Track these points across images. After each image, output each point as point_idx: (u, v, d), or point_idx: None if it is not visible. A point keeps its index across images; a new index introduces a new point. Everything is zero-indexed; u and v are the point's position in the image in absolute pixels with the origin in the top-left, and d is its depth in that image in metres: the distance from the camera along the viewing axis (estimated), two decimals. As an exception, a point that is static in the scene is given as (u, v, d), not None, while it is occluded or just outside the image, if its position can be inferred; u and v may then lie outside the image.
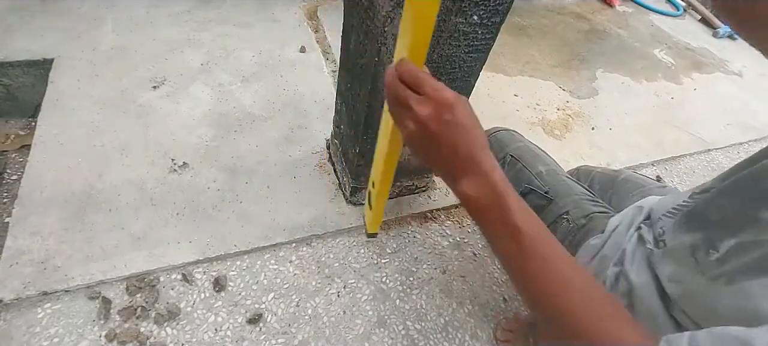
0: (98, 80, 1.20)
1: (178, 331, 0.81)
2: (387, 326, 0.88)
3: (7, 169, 1.08)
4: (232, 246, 0.92)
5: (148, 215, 0.94)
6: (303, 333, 0.84)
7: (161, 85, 1.24)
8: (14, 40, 1.24)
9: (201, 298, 0.86)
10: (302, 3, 1.68)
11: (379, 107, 0.79)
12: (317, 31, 1.58)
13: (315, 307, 0.89)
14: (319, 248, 0.98)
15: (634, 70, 1.86)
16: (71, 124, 1.08)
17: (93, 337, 0.77)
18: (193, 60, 1.33)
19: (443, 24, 0.67)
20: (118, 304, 0.82)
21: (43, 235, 0.87)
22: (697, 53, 2.11)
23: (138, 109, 1.16)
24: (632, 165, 1.37)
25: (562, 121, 1.48)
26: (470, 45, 0.73)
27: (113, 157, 1.04)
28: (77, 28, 1.33)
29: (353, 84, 0.87)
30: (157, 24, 1.43)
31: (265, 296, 0.88)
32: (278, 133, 1.18)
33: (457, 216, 1.11)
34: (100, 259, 0.86)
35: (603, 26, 2.12)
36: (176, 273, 0.88)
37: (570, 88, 1.64)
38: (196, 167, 1.06)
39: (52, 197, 0.93)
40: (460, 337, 0.90)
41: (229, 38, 1.44)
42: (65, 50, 1.25)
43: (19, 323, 0.77)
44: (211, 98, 1.23)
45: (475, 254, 1.04)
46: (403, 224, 1.07)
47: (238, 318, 0.84)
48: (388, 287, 0.94)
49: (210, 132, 1.14)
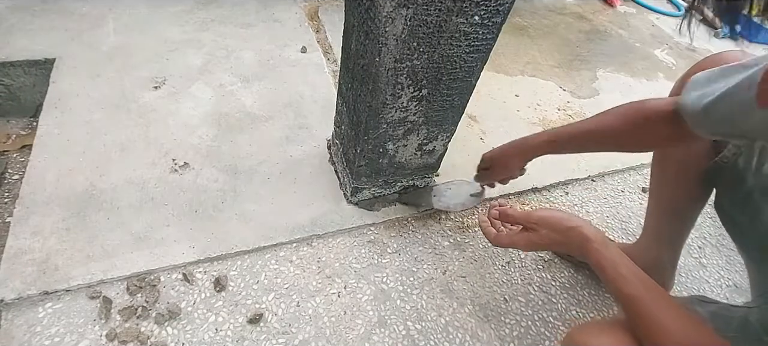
0: (99, 80, 1.21)
1: (179, 331, 0.81)
2: (387, 326, 0.88)
3: (8, 169, 1.08)
4: (233, 246, 0.92)
5: (148, 215, 0.94)
6: (303, 333, 0.84)
7: (162, 85, 1.24)
8: (15, 40, 1.24)
9: (201, 298, 0.86)
10: (303, 3, 1.68)
11: (380, 107, 0.79)
12: (318, 31, 1.58)
13: (315, 307, 0.89)
14: (320, 248, 0.98)
15: (635, 70, 1.85)
16: (73, 124, 1.08)
17: (93, 336, 0.77)
18: (194, 60, 1.34)
19: (444, 24, 0.67)
20: (118, 304, 0.82)
21: (44, 235, 0.87)
22: (699, 54, 2.11)
23: (139, 109, 1.16)
24: (633, 165, 1.37)
25: (563, 121, 1.48)
26: (471, 45, 0.73)
27: (114, 157, 1.04)
28: (78, 28, 1.34)
29: (354, 84, 0.87)
30: (158, 24, 1.43)
31: (265, 296, 0.88)
32: (279, 134, 1.18)
33: (458, 216, 1.11)
34: (101, 259, 0.86)
35: (604, 26, 2.12)
36: (177, 273, 0.88)
37: (571, 89, 1.64)
38: (197, 167, 1.06)
39: (54, 197, 0.93)
40: (461, 337, 0.90)
41: (230, 38, 1.44)
42: (67, 50, 1.26)
43: (20, 322, 0.77)
44: (212, 98, 1.24)
45: (476, 254, 1.04)
46: (403, 224, 1.07)
47: (238, 318, 0.84)
48: (388, 287, 0.94)
49: (211, 132, 1.15)
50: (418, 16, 0.64)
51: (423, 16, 0.65)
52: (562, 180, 1.27)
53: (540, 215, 0.70)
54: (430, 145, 0.96)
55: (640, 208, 1.27)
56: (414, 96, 0.80)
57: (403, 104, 0.81)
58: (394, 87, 0.75)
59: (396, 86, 0.75)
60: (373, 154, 0.92)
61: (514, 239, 0.73)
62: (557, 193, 1.25)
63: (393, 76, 0.73)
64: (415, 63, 0.72)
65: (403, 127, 0.87)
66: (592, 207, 1.24)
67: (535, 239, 0.70)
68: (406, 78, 0.75)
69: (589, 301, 1.01)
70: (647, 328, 0.54)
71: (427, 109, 0.85)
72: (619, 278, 0.58)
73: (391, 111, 0.81)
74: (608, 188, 1.31)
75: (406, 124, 0.87)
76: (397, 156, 0.95)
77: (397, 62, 0.71)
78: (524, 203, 1.20)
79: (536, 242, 0.70)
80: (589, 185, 1.30)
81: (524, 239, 0.72)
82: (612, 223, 1.22)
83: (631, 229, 1.21)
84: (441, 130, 0.93)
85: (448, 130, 0.94)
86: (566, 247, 0.67)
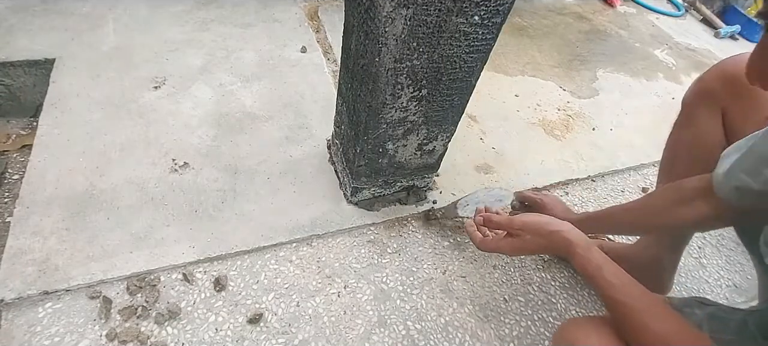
0: (99, 80, 1.21)
1: (179, 330, 0.81)
2: (387, 326, 0.88)
3: (8, 169, 1.08)
4: (233, 246, 0.92)
5: (148, 215, 0.94)
6: (303, 333, 0.84)
7: (162, 85, 1.24)
8: (16, 40, 1.24)
9: (201, 298, 0.86)
10: (303, 3, 1.68)
11: (380, 107, 0.80)
12: (318, 31, 1.58)
13: (315, 307, 0.89)
14: (320, 248, 0.98)
15: (635, 70, 1.86)
16: (72, 124, 1.08)
17: (93, 336, 0.77)
18: (194, 60, 1.34)
19: (444, 24, 0.67)
20: (118, 303, 0.82)
21: (44, 234, 0.87)
22: (699, 54, 2.11)
23: (139, 109, 1.16)
24: (633, 165, 1.37)
25: (563, 121, 1.48)
26: (471, 45, 0.73)
27: (114, 157, 1.04)
28: (79, 28, 1.34)
29: (354, 84, 0.87)
30: (158, 24, 1.43)
31: (265, 296, 0.88)
32: (279, 133, 1.18)
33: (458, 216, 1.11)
34: (101, 258, 0.86)
35: (604, 27, 2.12)
36: (177, 273, 0.88)
37: (571, 89, 1.64)
38: (197, 167, 1.06)
39: (54, 197, 0.94)
40: (461, 337, 0.90)
41: (230, 38, 1.44)
42: (67, 50, 1.26)
43: (20, 322, 0.77)
44: (212, 98, 1.24)
45: (476, 254, 1.04)
46: (403, 224, 1.07)
47: (238, 318, 0.84)
48: (388, 287, 0.94)
49: (211, 132, 1.15)
50: (417, 16, 0.64)
51: (423, 16, 0.65)
52: (562, 180, 1.27)
53: (522, 221, 0.71)
54: (429, 145, 0.96)
55: (640, 208, 1.27)
56: (414, 96, 0.80)
57: (403, 104, 0.81)
58: (394, 87, 0.76)
59: (396, 86, 0.76)
60: (373, 154, 0.92)
61: (499, 245, 0.74)
62: (557, 193, 1.25)
63: (393, 76, 0.73)
64: (415, 63, 0.72)
65: (402, 127, 0.87)
66: (592, 207, 1.24)
67: (519, 244, 0.71)
68: (405, 78, 0.75)
69: (589, 301, 1.01)
70: (633, 330, 0.55)
71: (427, 109, 0.85)
72: (603, 281, 0.59)
73: (391, 111, 0.81)
74: (608, 188, 1.31)
75: (406, 124, 0.87)
76: (397, 156, 0.95)
77: (396, 62, 0.71)
78: (524, 203, 1.20)
79: (520, 247, 0.71)
80: (589, 185, 1.30)
81: (508, 245, 0.72)
82: (612, 223, 1.22)
83: (631, 229, 1.21)
84: (441, 130, 0.93)
85: (448, 130, 0.94)
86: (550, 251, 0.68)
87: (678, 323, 0.54)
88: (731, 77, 0.70)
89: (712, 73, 0.75)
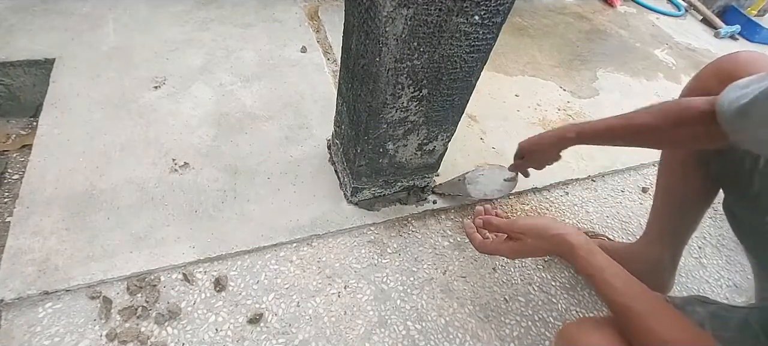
0: (99, 80, 1.20)
1: (179, 330, 0.81)
2: (388, 326, 0.88)
3: (8, 169, 1.08)
4: (233, 246, 0.92)
5: (149, 215, 0.94)
6: (303, 333, 0.84)
7: (162, 85, 1.24)
8: (16, 39, 1.24)
9: (202, 298, 0.86)
10: (303, 3, 1.68)
11: (380, 107, 0.79)
12: (318, 31, 1.58)
13: (316, 307, 0.89)
14: (320, 248, 0.98)
15: (635, 70, 1.86)
16: (72, 124, 1.08)
17: (94, 336, 0.77)
18: (194, 60, 1.34)
19: (444, 24, 0.67)
20: (118, 303, 0.82)
21: (44, 234, 0.87)
22: (699, 53, 2.11)
23: (139, 109, 1.16)
24: (633, 165, 1.37)
25: (563, 121, 1.48)
26: (471, 45, 0.73)
27: (114, 157, 1.04)
28: (79, 28, 1.34)
29: (354, 84, 0.87)
30: (158, 24, 1.43)
31: (265, 296, 0.88)
32: (279, 133, 1.18)
33: (458, 216, 1.11)
34: (101, 259, 0.86)
35: (604, 26, 2.12)
36: (177, 273, 0.88)
37: (571, 89, 1.64)
38: (197, 167, 1.06)
39: (54, 197, 0.93)
40: (461, 337, 0.90)
41: (230, 38, 1.44)
42: (67, 50, 1.25)
43: (20, 322, 0.77)
44: (212, 98, 1.24)
45: (476, 254, 1.04)
46: (403, 224, 1.07)
47: (238, 318, 0.84)
48: (388, 287, 0.94)
49: (211, 132, 1.14)
50: (418, 16, 0.64)
51: (423, 16, 0.65)
52: (562, 180, 1.27)
53: (525, 224, 0.70)
54: (430, 145, 0.96)
55: (640, 208, 1.27)
56: (414, 96, 0.80)
57: (404, 104, 0.81)
58: (395, 87, 0.75)
59: (396, 86, 0.75)
60: (374, 154, 0.92)
61: (499, 248, 0.73)
62: (557, 193, 1.25)
63: (393, 76, 0.73)
64: (416, 63, 0.72)
65: (403, 127, 0.87)
66: (592, 207, 1.24)
67: (520, 247, 0.70)
68: (406, 78, 0.75)
69: (590, 301, 1.01)
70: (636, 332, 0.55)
71: (427, 109, 0.85)
72: (606, 285, 0.59)
73: (392, 111, 0.81)
74: (608, 188, 1.31)
75: (407, 124, 0.87)
76: (398, 156, 0.95)
77: (397, 62, 0.71)
78: (524, 203, 1.20)
79: (521, 250, 0.70)
80: (589, 185, 1.30)
81: (509, 248, 0.71)
82: (612, 223, 1.22)
83: (631, 229, 1.21)
84: (441, 130, 0.93)
85: (448, 130, 0.94)
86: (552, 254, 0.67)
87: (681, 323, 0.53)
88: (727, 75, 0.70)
89: (708, 70, 0.75)
